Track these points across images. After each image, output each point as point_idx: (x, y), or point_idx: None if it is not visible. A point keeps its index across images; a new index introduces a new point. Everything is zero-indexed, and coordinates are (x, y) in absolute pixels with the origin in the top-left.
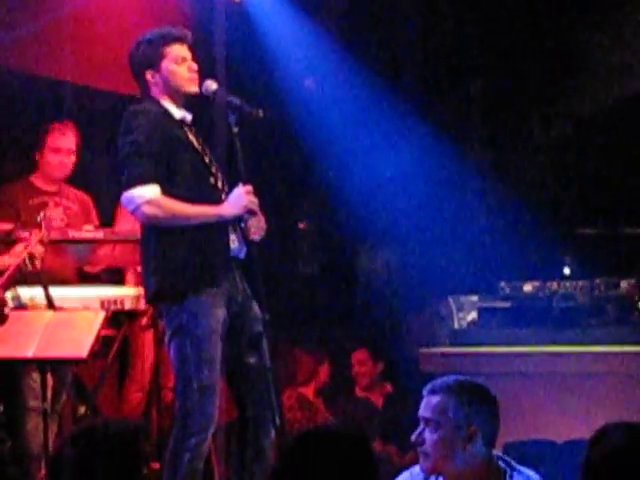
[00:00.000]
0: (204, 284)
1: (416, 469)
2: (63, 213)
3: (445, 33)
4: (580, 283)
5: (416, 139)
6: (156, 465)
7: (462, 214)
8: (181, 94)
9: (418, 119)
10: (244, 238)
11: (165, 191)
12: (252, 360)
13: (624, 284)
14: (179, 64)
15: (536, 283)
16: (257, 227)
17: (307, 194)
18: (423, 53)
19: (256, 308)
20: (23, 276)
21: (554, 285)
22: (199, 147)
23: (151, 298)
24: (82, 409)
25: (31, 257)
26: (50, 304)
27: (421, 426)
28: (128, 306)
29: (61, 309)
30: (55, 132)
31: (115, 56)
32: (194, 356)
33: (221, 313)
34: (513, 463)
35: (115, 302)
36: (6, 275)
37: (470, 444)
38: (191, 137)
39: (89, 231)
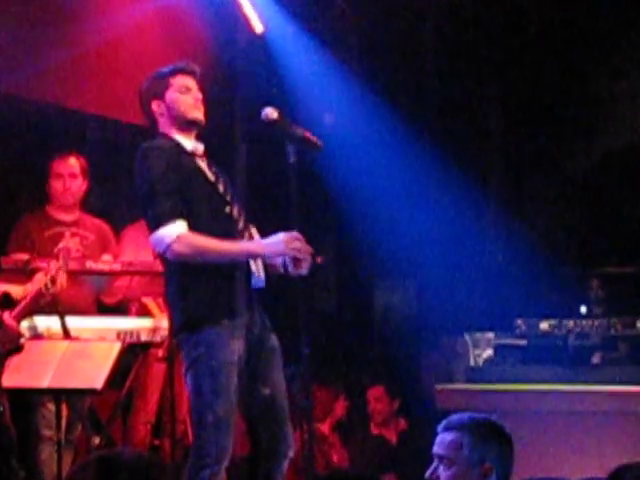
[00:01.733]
0: (224, 316)
1: None
2: (79, 244)
3: (464, 69)
4: (596, 322)
5: (435, 175)
6: None
7: (479, 251)
8: (186, 121)
9: (437, 155)
10: (264, 267)
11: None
12: (266, 392)
13: None
14: (183, 93)
15: (552, 321)
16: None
17: (325, 229)
18: (442, 89)
19: (274, 340)
20: (40, 305)
21: (570, 323)
22: (212, 177)
23: (176, 332)
24: (96, 440)
25: (52, 281)
26: (66, 334)
27: (435, 463)
28: (144, 338)
29: (77, 339)
30: (57, 159)
31: (137, 88)
32: (209, 387)
33: (238, 345)
34: None
35: (131, 334)
36: (23, 303)
37: None
38: (204, 168)
39: (107, 262)
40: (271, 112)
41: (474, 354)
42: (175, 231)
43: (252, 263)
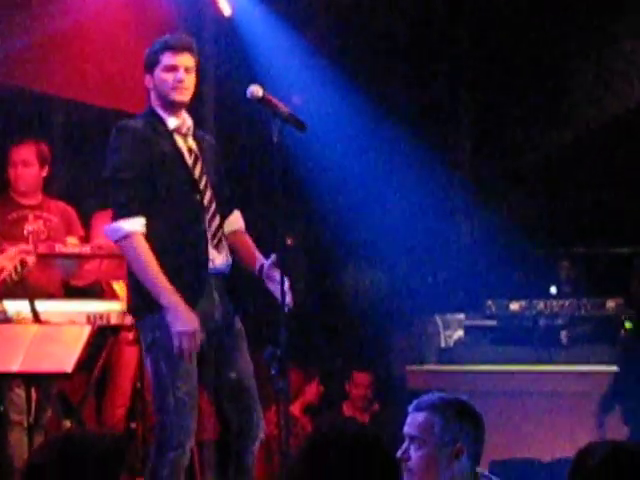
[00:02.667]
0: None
1: None
2: (43, 226)
3: (433, 50)
4: (566, 302)
5: (404, 156)
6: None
7: (449, 232)
8: (167, 102)
9: (406, 136)
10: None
11: (149, 215)
12: (233, 375)
13: (610, 303)
14: (168, 71)
15: (522, 302)
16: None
17: (295, 210)
18: (411, 70)
19: (238, 324)
20: (9, 289)
21: (540, 304)
22: (190, 159)
23: (133, 314)
24: (67, 423)
25: (22, 264)
26: (36, 318)
27: (406, 443)
28: (114, 321)
29: (47, 323)
30: (13, 147)
31: (103, 71)
32: (168, 370)
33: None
34: None
35: (101, 317)
36: None
37: (455, 461)
38: (183, 148)
39: (76, 245)
40: (256, 89)
41: (445, 335)
42: (128, 229)
43: (211, 249)
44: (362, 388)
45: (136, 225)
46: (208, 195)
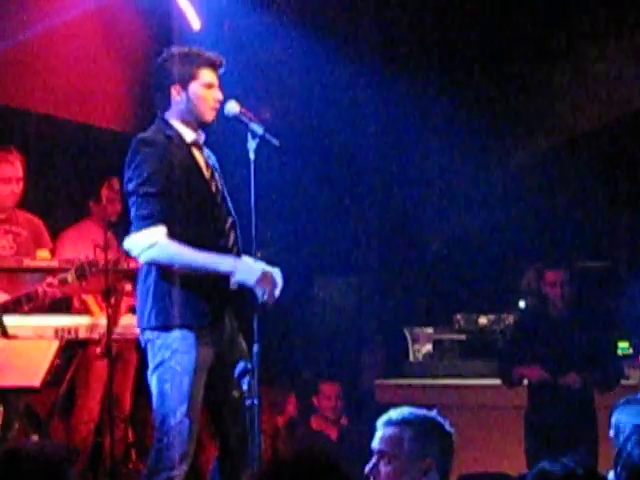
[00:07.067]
0: (196, 321)
1: None
2: (13, 241)
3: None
4: None
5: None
6: None
7: (418, 245)
8: (200, 121)
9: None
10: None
11: (170, 231)
12: (236, 394)
13: None
14: (207, 89)
15: (491, 316)
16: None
17: (266, 222)
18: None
19: (243, 342)
20: None
21: (509, 318)
22: (207, 173)
23: (143, 330)
24: (35, 438)
25: None
26: (4, 332)
27: (375, 458)
28: (82, 335)
29: (15, 337)
30: (2, 162)
31: (73, 86)
32: (173, 392)
33: (207, 350)
34: None
35: (69, 331)
36: None
37: (424, 477)
38: (200, 162)
39: (44, 260)
40: (233, 106)
41: (413, 349)
42: (152, 238)
43: None
44: (331, 399)
45: (160, 233)
46: (224, 208)
